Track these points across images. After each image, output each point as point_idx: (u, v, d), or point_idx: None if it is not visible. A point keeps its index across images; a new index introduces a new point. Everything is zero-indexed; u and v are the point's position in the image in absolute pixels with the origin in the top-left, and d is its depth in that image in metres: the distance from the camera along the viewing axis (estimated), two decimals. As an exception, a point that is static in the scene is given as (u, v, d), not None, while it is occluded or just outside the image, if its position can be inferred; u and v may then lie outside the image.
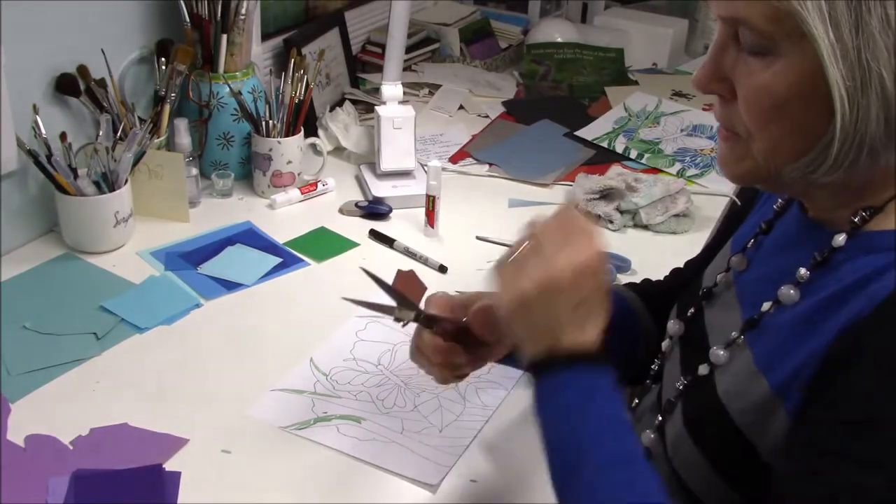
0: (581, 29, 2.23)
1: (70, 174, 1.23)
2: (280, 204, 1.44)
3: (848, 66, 0.60)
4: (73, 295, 1.18)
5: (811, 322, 0.68)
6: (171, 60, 1.38)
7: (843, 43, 0.60)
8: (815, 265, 0.70)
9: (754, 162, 0.69)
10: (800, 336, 0.68)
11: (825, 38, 0.60)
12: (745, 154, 0.69)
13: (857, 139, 0.62)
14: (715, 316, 0.83)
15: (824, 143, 0.64)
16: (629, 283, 1.08)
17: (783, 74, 0.63)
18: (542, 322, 0.71)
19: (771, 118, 0.65)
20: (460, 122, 1.80)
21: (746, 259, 0.83)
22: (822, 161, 0.65)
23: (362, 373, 1.07)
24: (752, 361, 0.72)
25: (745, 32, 0.65)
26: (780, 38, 0.63)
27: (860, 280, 0.66)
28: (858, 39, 0.60)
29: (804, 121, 0.64)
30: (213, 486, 0.89)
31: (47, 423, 0.95)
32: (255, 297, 1.21)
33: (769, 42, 0.64)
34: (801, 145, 0.65)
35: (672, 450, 0.78)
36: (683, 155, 1.67)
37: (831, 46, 0.60)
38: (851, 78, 0.60)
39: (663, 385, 0.87)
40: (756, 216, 0.87)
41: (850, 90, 0.61)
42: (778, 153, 0.67)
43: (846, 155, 0.63)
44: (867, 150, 0.63)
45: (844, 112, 0.61)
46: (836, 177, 0.65)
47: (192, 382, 1.04)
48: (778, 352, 0.70)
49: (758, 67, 0.65)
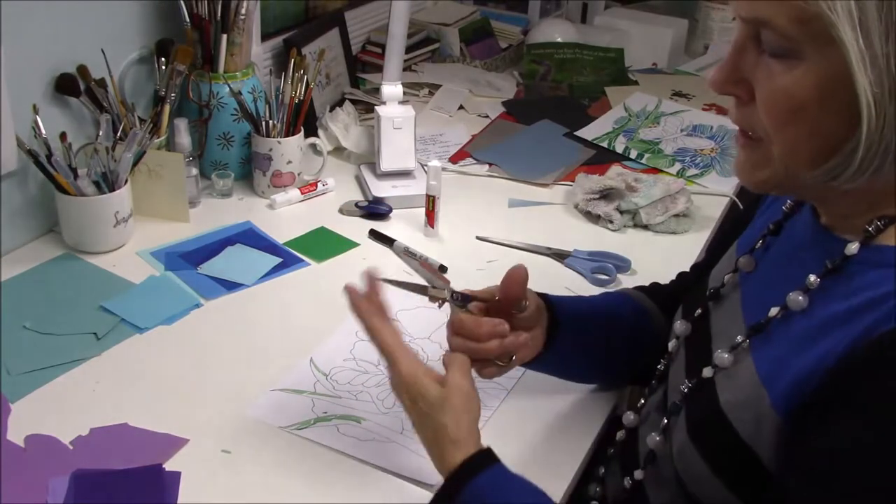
0: (581, 29, 2.24)
1: (70, 174, 1.23)
2: (280, 204, 1.44)
3: (877, 74, 0.59)
4: (73, 295, 1.18)
5: (817, 337, 0.67)
6: (171, 60, 1.38)
7: (873, 50, 0.59)
8: (825, 273, 0.69)
9: (773, 169, 0.68)
10: (804, 350, 0.68)
11: (854, 44, 0.59)
12: (764, 160, 0.68)
13: (882, 146, 0.62)
14: (721, 317, 0.83)
15: (849, 150, 0.63)
16: (638, 287, 1.08)
17: (805, 78, 0.62)
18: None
19: (790, 121, 0.64)
20: (460, 122, 1.81)
21: (754, 260, 0.82)
22: (846, 167, 0.64)
23: (362, 373, 1.07)
24: (755, 370, 0.72)
25: (768, 34, 0.64)
26: (804, 41, 0.62)
27: (873, 300, 0.64)
28: (888, 47, 0.59)
29: (824, 125, 0.63)
30: (213, 486, 0.89)
31: (47, 423, 0.95)
32: (255, 297, 1.21)
33: (793, 45, 0.62)
34: (820, 149, 0.64)
35: (677, 457, 0.78)
36: (683, 155, 1.67)
37: (860, 53, 0.59)
38: (879, 85, 0.59)
39: (669, 386, 0.87)
40: (763, 218, 0.87)
41: (877, 97, 0.60)
42: (797, 157, 0.66)
43: (871, 162, 0.63)
44: (892, 156, 0.62)
45: (871, 119, 0.60)
46: (858, 183, 0.65)
47: (192, 382, 1.04)
48: (781, 364, 0.69)
49: (779, 70, 0.64)
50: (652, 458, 0.83)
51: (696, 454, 0.75)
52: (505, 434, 0.98)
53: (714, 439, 0.74)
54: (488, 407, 1.02)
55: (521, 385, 1.06)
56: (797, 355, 0.68)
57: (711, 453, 0.74)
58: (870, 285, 0.65)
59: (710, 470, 0.73)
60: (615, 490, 0.91)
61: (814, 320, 0.69)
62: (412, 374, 0.81)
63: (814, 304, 0.70)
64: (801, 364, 0.67)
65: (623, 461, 0.92)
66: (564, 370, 1.02)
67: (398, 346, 0.83)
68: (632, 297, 1.04)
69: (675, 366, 0.87)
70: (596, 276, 1.29)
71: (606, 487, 0.94)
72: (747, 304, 0.79)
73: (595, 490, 0.95)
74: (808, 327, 0.69)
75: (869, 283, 0.66)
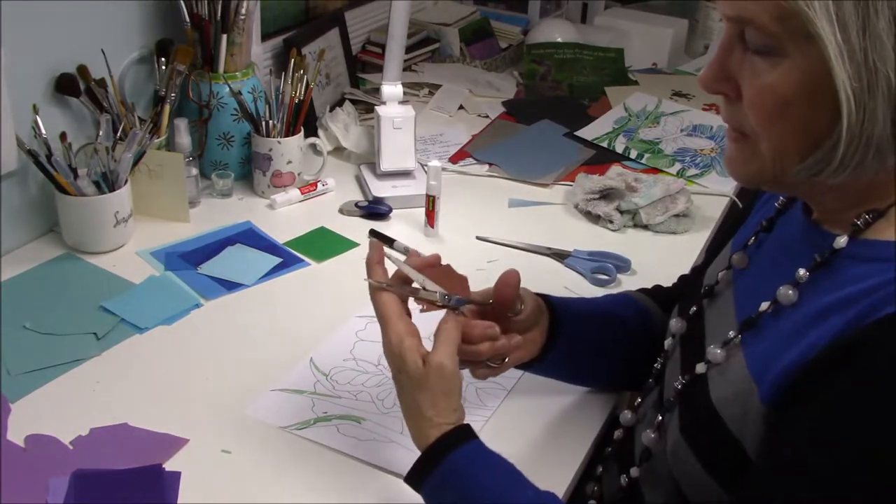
0: (581, 29, 2.23)
1: (70, 174, 1.23)
2: (280, 204, 1.44)
3: (855, 68, 0.60)
4: (73, 295, 1.18)
5: (805, 330, 0.68)
6: (171, 60, 1.38)
7: (851, 44, 0.60)
8: (814, 266, 0.70)
9: (761, 163, 0.68)
10: (793, 344, 0.68)
11: (832, 39, 0.60)
12: (753, 155, 0.69)
13: (863, 140, 0.62)
14: (715, 314, 0.83)
15: (831, 144, 0.63)
16: (641, 289, 1.08)
17: (789, 74, 0.63)
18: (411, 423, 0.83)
19: (777, 117, 0.65)
20: (460, 122, 1.81)
21: (747, 257, 0.83)
22: (829, 162, 0.64)
23: (362, 373, 1.07)
24: (746, 365, 0.72)
25: (752, 32, 0.65)
26: (786, 38, 0.63)
27: (861, 292, 0.65)
28: (865, 41, 0.60)
29: (810, 120, 0.64)
30: (213, 486, 0.89)
31: (47, 423, 0.95)
32: (255, 297, 1.21)
33: (775, 42, 0.63)
34: (807, 144, 0.65)
35: (671, 455, 0.78)
36: (683, 155, 1.67)
37: (838, 48, 0.60)
38: (858, 79, 0.60)
39: (665, 383, 0.87)
40: (757, 215, 0.87)
41: (856, 91, 0.61)
42: (785, 152, 0.67)
43: (852, 156, 0.63)
44: (874, 151, 0.63)
45: (851, 113, 0.61)
46: (842, 178, 0.65)
47: (192, 382, 1.04)
48: (770, 358, 0.70)
49: (764, 67, 0.65)
50: (647, 456, 0.84)
51: (688, 451, 0.75)
52: (504, 434, 0.98)
53: (705, 436, 0.74)
54: (488, 407, 1.02)
55: (521, 385, 1.06)
56: (786, 349, 0.68)
57: (703, 450, 0.74)
58: (857, 278, 0.66)
59: (702, 467, 0.74)
60: (612, 488, 0.91)
61: (802, 314, 0.69)
62: (398, 343, 0.81)
63: (803, 298, 0.71)
64: (789, 357, 0.67)
65: (620, 460, 0.92)
66: (564, 372, 1.01)
67: (392, 314, 0.83)
68: (635, 298, 1.04)
69: (671, 364, 0.87)
70: (596, 276, 1.29)
71: (603, 486, 0.95)
72: (739, 300, 0.80)
73: (592, 489, 0.95)
74: (797, 321, 0.70)
75: (856, 277, 0.66)
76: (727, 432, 0.71)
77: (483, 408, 1.02)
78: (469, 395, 1.04)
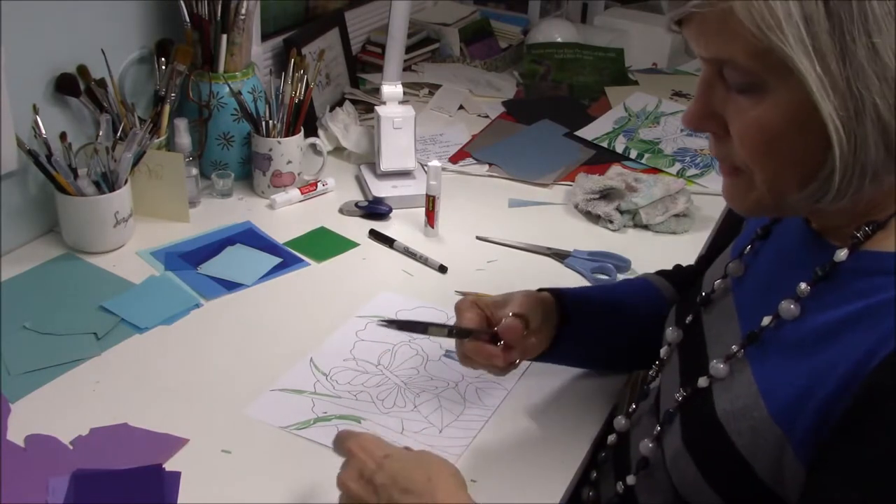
0: (581, 29, 2.24)
1: (70, 174, 1.23)
2: (280, 204, 1.44)
3: (839, 98, 0.59)
4: (73, 295, 1.18)
5: (813, 346, 0.67)
6: (171, 60, 1.38)
7: (832, 74, 0.59)
8: (816, 280, 0.69)
9: (759, 195, 0.68)
10: (801, 360, 0.67)
11: (812, 71, 0.59)
12: (750, 188, 0.68)
13: (857, 168, 0.61)
14: (713, 324, 0.82)
15: (826, 173, 0.62)
16: (661, 271, 1.09)
17: (774, 110, 0.62)
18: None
19: (766, 152, 0.64)
20: (460, 122, 1.81)
21: (744, 265, 0.82)
22: (827, 190, 0.63)
23: (362, 373, 1.07)
24: (753, 381, 0.71)
25: (731, 71, 0.64)
26: (765, 74, 0.61)
27: (867, 309, 0.64)
28: (847, 69, 0.58)
29: (802, 151, 0.63)
30: (213, 486, 0.89)
31: (47, 423, 0.95)
32: (255, 297, 1.21)
33: (755, 79, 0.62)
34: (803, 174, 0.64)
35: (671, 464, 0.78)
36: (683, 155, 1.67)
37: (819, 79, 0.59)
38: (844, 108, 0.59)
39: (661, 392, 0.86)
40: (754, 222, 0.86)
41: (844, 121, 0.59)
42: (780, 184, 0.66)
43: (849, 184, 0.62)
44: (870, 176, 0.62)
45: (842, 142, 0.60)
46: (841, 205, 0.64)
47: (192, 382, 1.04)
48: (778, 374, 0.69)
49: (747, 105, 0.64)
50: (644, 465, 0.83)
51: (690, 462, 0.74)
52: (504, 435, 0.98)
53: (710, 448, 0.73)
54: (488, 407, 1.02)
55: (521, 385, 1.06)
56: (794, 366, 0.67)
57: (706, 462, 0.73)
58: (861, 293, 0.65)
59: (704, 478, 0.73)
60: (608, 494, 0.91)
61: (807, 329, 0.68)
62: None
63: (806, 312, 0.70)
64: (798, 374, 0.66)
65: (616, 466, 0.91)
66: (575, 360, 1.04)
67: None
68: (651, 282, 1.05)
69: (667, 372, 0.86)
70: (596, 276, 1.29)
71: (599, 492, 0.94)
72: (742, 310, 0.79)
73: (588, 494, 0.95)
74: (801, 336, 0.69)
75: (860, 291, 0.65)
76: (731, 445, 0.70)
77: (483, 408, 1.02)
78: (469, 395, 1.04)
